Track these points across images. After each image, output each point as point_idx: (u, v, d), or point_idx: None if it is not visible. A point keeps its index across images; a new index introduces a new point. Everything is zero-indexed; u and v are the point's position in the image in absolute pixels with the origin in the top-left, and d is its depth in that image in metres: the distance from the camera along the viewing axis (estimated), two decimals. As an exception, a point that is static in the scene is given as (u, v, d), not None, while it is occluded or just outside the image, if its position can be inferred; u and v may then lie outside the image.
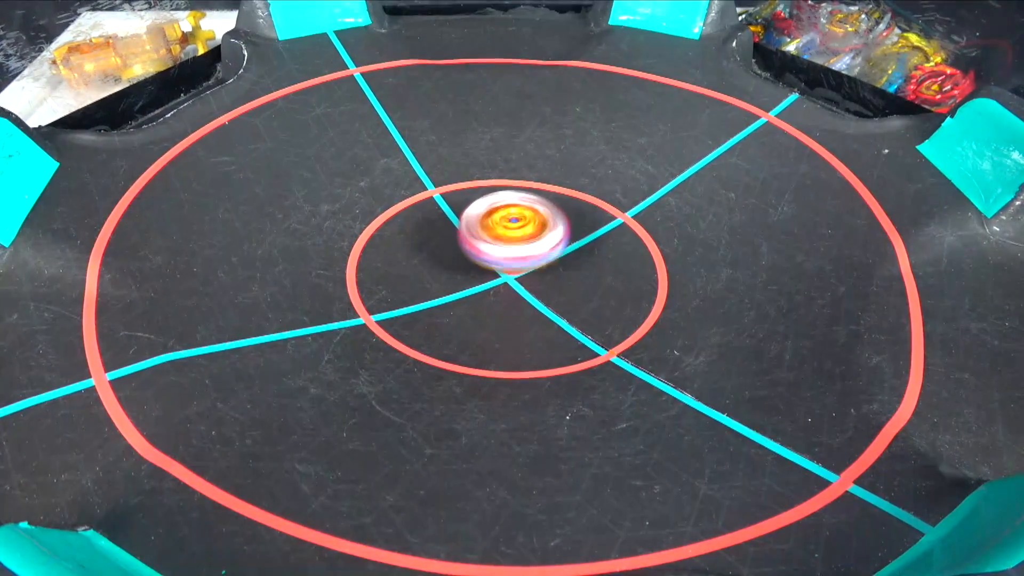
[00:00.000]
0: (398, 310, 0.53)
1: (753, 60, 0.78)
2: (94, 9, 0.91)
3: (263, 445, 0.44)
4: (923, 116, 0.66)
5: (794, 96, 0.70)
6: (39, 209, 0.57)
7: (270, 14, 0.76)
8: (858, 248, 0.56)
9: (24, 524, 0.37)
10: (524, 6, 0.83)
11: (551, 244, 0.52)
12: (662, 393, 0.47)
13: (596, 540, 0.40)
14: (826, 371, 0.48)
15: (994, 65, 0.77)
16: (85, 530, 0.39)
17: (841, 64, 0.78)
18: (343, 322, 0.52)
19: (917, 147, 0.63)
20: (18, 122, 0.59)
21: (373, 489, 0.42)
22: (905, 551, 0.39)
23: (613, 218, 0.60)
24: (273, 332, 0.51)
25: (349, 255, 0.56)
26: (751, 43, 0.77)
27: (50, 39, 0.86)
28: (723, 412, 0.46)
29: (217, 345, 0.50)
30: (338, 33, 0.78)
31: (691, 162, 0.64)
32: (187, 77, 0.75)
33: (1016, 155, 0.57)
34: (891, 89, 0.74)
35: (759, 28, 0.83)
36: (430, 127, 0.68)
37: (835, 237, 0.57)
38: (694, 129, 0.67)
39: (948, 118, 0.62)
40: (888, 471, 0.43)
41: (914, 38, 0.78)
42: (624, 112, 0.69)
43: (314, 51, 0.75)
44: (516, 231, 0.52)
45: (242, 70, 0.73)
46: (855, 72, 0.77)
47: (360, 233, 0.58)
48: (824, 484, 0.42)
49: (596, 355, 0.50)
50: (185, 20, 0.81)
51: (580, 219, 0.58)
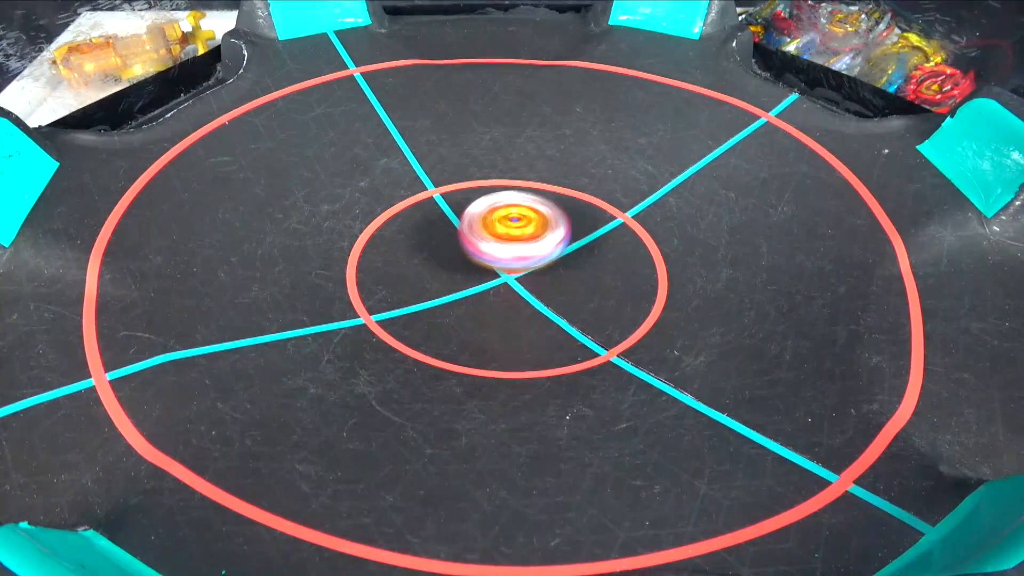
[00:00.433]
0: (398, 310, 0.53)
1: (753, 60, 0.78)
2: (94, 9, 0.90)
3: (263, 445, 0.44)
4: (923, 116, 0.66)
5: (794, 96, 0.70)
6: (39, 209, 0.57)
7: (270, 14, 0.76)
8: (858, 248, 0.56)
9: (24, 524, 0.37)
10: (524, 6, 0.83)
11: (551, 244, 0.52)
12: (662, 393, 0.47)
13: (596, 540, 0.40)
14: (826, 371, 0.48)
15: (994, 65, 0.77)
16: (85, 530, 0.39)
17: (841, 64, 0.78)
18: (343, 322, 0.52)
19: (917, 147, 0.63)
20: (18, 122, 0.59)
21: (373, 489, 0.42)
22: (905, 551, 0.39)
23: (613, 218, 0.60)
24: (273, 332, 0.51)
25: (349, 255, 0.56)
26: (751, 43, 0.77)
27: (50, 39, 0.86)
28: (723, 412, 0.46)
29: (217, 345, 0.50)
30: (338, 33, 0.78)
31: (691, 162, 0.64)
32: (187, 77, 0.75)
33: (1016, 155, 0.57)
34: (891, 89, 0.74)
35: (759, 28, 0.83)
36: (430, 127, 0.68)
37: (835, 237, 0.57)
38: (694, 129, 0.67)
39: (948, 118, 0.62)
40: (888, 471, 0.43)
41: (914, 38, 0.78)
42: (624, 112, 0.69)
43: (314, 51, 0.75)
44: (516, 231, 0.52)
45: (242, 70, 0.73)
46: (855, 72, 0.77)
47: (360, 233, 0.58)
48: (824, 484, 0.42)
49: (596, 355, 0.50)
50: (185, 20, 0.81)
51: (580, 219, 0.58)
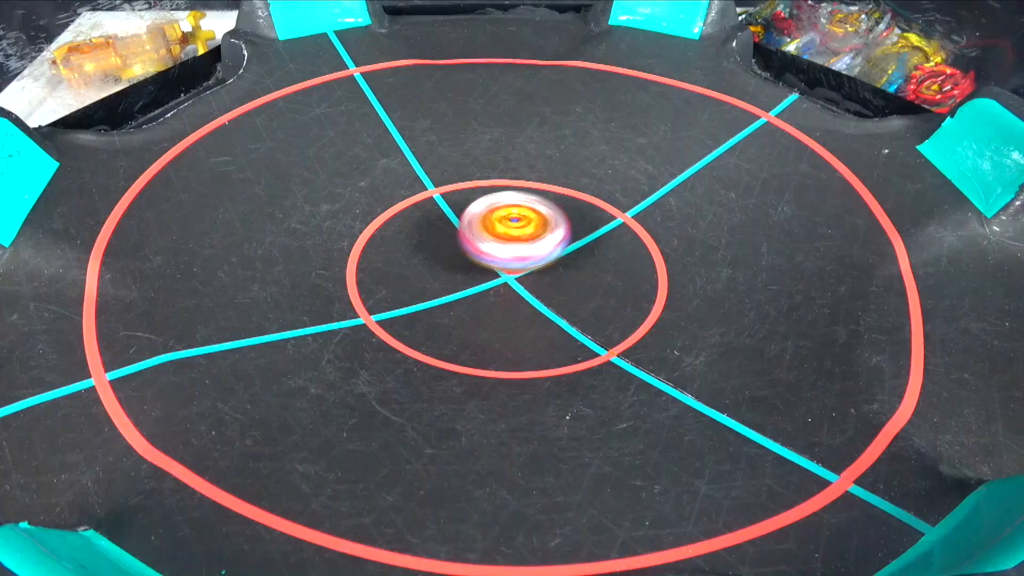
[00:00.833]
0: (398, 310, 0.53)
1: (753, 60, 0.78)
2: (94, 9, 0.90)
3: (263, 445, 0.44)
4: (923, 116, 0.66)
5: (794, 96, 0.70)
6: (39, 209, 0.57)
7: (270, 14, 0.76)
8: (858, 248, 0.56)
9: (24, 524, 0.37)
10: (524, 6, 0.83)
11: (551, 244, 0.52)
12: (662, 393, 0.47)
13: (596, 540, 0.40)
14: (826, 371, 0.48)
15: (994, 65, 0.77)
16: (85, 530, 0.39)
17: (841, 64, 0.78)
18: (343, 322, 0.52)
19: (917, 147, 0.63)
20: (18, 122, 0.59)
21: (373, 489, 0.42)
22: (905, 551, 0.39)
23: (613, 218, 0.60)
24: (273, 332, 0.51)
25: (349, 255, 0.56)
26: (751, 43, 0.77)
27: (50, 39, 0.86)
28: (723, 412, 0.46)
29: (217, 345, 0.50)
30: (338, 33, 0.78)
31: (691, 162, 0.64)
32: (187, 77, 0.75)
33: (1016, 155, 0.57)
34: (891, 89, 0.74)
35: (759, 28, 0.83)
36: (430, 127, 0.68)
37: (835, 237, 0.57)
38: (694, 129, 0.67)
39: (948, 118, 0.62)
40: (888, 471, 0.43)
41: (914, 38, 0.78)
42: (624, 112, 0.69)
43: (314, 51, 0.75)
44: (516, 231, 0.52)
45: (242, 70, 0.73)
46: (855, 72, 0.77)
47: (360, 233, 0.58)
48: (824, 484, 0.42)
49: (596, 355, 0.50)
50: (185, 20, 0.81)
51: (580, 219, 0.58)
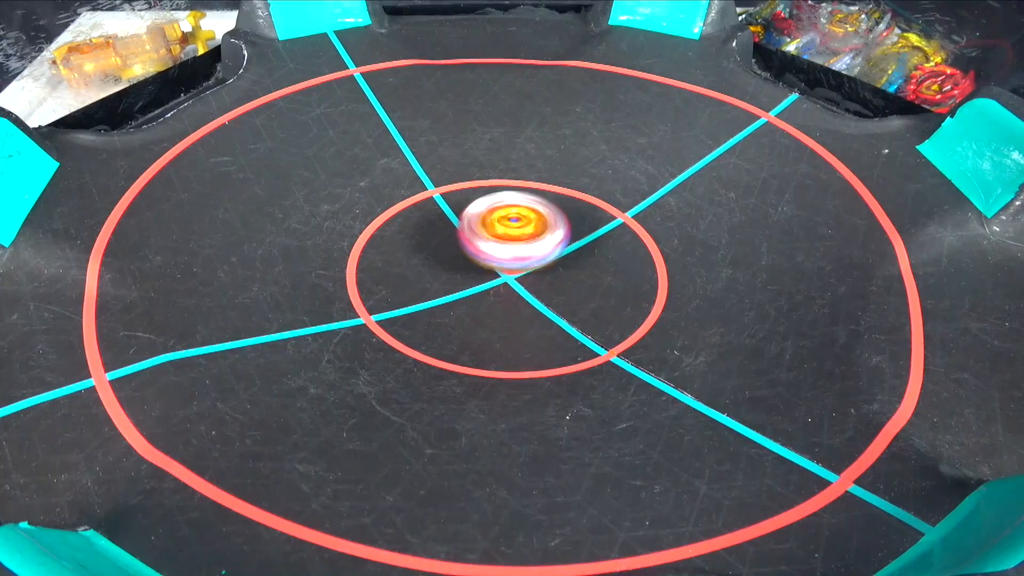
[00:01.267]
0: (398, 310, 0.53)
1: (753, 60, 0.78)
2: (94, 9, 0.91)
3: (263, 445, 0.44)
4: (923, 116, 0.66)
5: (794, 96, 0.70)
6: (39, 209, 0.57)
7: (270, 14, 0.76)
8: (858, 248, 0.56)
9: (24, 524, 0.37)
10: (524, 6, 0.83)
11: (551, 244, 0.52)
12: (662, 393, 0.47)
13: (596, 540, 0.40)
14: (826, 371, 0.48)
15: (994, 65, 0.77)
16: (85, 530, 0.39)
17: (841, 64, 0.78)
18: (343, 322, 0.52)
19: (917, 147, 0.63)
20: (18, 122, 0.59)
21: (373, 489, 0.42)
22: (905, 551, 0.39)
23: (613, 218, 0.60)
24: (273, 332, 0.51)
25: (349, 255, 0.56)
26: (751, 43, 0.77)
27: (50, 39, 0.86)
28: (723, 412, 0.46)
29: (217, 345, 0.50)
30: (338, 33, 0.78)
31: (691, 162, 0.64)
32: (187, 77, 0.75)
33: (1016, 155, 0.57)
34: (891, 89, 0.74)
35: (759, 28, 0.83)
36: (430, 127, 0.68)
37: (835, 237, 0.57)
38: (694, 129, 0.67)
39: (948, 118, 0.62)
40: (888, 471, 0.42)
41: (914, 38, 0.78)
42: (624, 112, 0.69)
43: (314, 51, 0.75)
44: (516, 231, 0.52)
45: (242, 70, 0.73)
46: (855, 72, 0.77)
47: (360, 233, 0.58)
48: (824, 484, 0.42)
49: (596, 355, 0.50)
50: (185, 20, 0.81)
51: (580, 219, 0.58)
